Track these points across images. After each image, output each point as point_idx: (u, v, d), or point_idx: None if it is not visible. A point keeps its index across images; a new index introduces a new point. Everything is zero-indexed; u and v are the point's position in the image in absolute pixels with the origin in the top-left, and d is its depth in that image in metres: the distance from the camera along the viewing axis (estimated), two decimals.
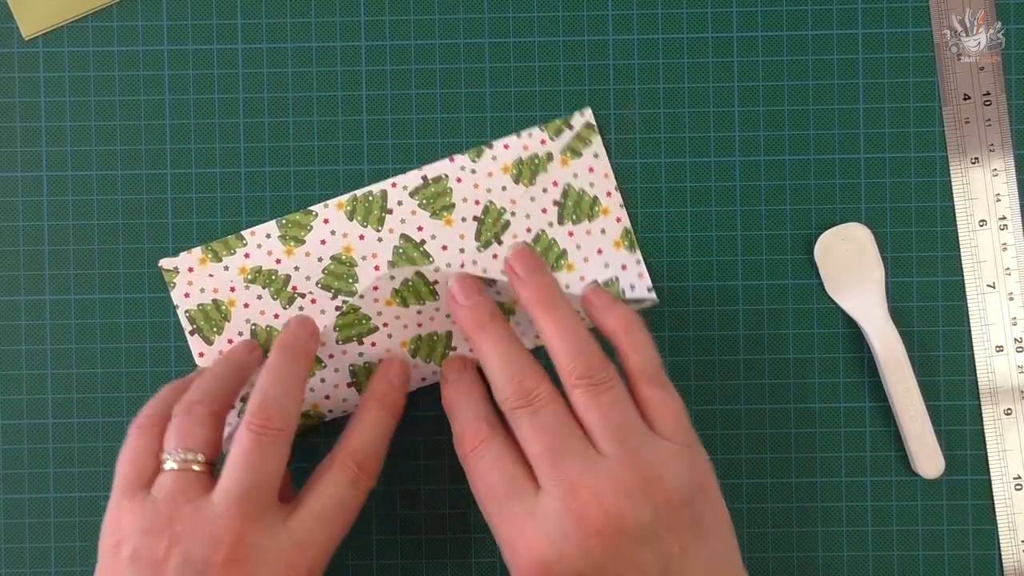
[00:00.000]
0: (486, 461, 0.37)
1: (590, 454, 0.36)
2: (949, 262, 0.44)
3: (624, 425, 0.36)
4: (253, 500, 0.36)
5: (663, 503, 0.35)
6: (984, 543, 0.44)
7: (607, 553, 0.34)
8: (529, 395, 0.37)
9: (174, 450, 0.37)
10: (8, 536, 0.45)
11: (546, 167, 0.44)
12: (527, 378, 0.37)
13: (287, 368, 0.39)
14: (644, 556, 0.34)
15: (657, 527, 0.34)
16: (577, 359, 0.37)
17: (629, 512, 0.34)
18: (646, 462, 0.35)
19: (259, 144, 0.45)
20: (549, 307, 0.38)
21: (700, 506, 0.36)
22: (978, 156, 0.44)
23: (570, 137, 0.44)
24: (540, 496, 0.35)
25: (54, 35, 0.45)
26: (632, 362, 0.38)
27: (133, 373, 0.45)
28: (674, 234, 0.44)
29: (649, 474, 0.35)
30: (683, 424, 0.37)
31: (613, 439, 0.36)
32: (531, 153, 0.44)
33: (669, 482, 0.35)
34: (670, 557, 0.35)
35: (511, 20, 0.45)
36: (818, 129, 0.45)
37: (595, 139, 0.44)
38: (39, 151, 0.45)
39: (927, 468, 0.43)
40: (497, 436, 0.38)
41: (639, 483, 0.35)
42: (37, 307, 0.45)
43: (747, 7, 0.45)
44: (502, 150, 0.44)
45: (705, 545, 0.35)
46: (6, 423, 0.45)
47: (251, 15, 0.45)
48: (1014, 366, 0.44)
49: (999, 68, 0.44)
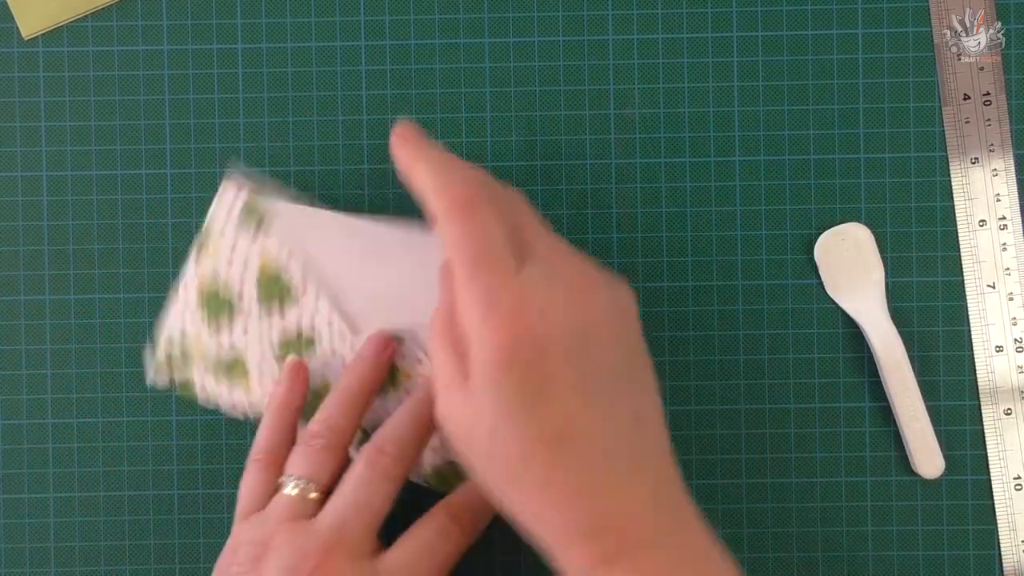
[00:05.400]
0: (477, 219, 0.35)
1: (560, 246, 0.37)
2: (949, 262, 0.44)
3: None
4: (352, 527, 0.37)
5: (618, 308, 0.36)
6: (984, 543, 0.44)
7: (587, 334, 0.34)
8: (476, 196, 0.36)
9: (295, 477, 0.39)
10: (8, 536, 0.45)
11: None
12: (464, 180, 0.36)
13: (416, 415, 0.40)
14: (613, 351, 0.35)
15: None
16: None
17: (601, 301, 0.35)
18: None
19: (259, 144, 0.45)
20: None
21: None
22: (978, 156, 0.44)
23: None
24: (526, 268, 0.35)
25: (54, 35, 0.45)
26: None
27: (133, 373, 0.45)
28: (674, 234, 0.44)
29: (609, 278, 0.37)
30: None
31: (565, 246, 0.37)
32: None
33: (621, 288, 0.37)
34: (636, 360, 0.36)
35: (511, 20, 0.45)
36: (818, 129, 0.45)
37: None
38: (39, 151, 0.45)
39: (927, 468, 0.43)
40: (492, 201, 0.36)
41: (606, 280, 0.36)
42: (37, 307, 0.45)
43: (747, 7, 0.45)
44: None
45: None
46: (6, 423, 0.45)
47: (251, 15, 0.45)
48: (1014, 366, 0.44)
49: (999, 68, 0.44)
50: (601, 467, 0.33)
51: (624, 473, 0.33)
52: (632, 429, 0.34)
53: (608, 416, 0.34)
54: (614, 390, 0.34)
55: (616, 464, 0.33)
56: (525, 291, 0.34)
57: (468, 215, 0.35)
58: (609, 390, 0.34)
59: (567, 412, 0.33)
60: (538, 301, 0.34)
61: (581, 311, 0.34)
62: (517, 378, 0.33)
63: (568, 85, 0.45)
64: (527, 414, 0.33)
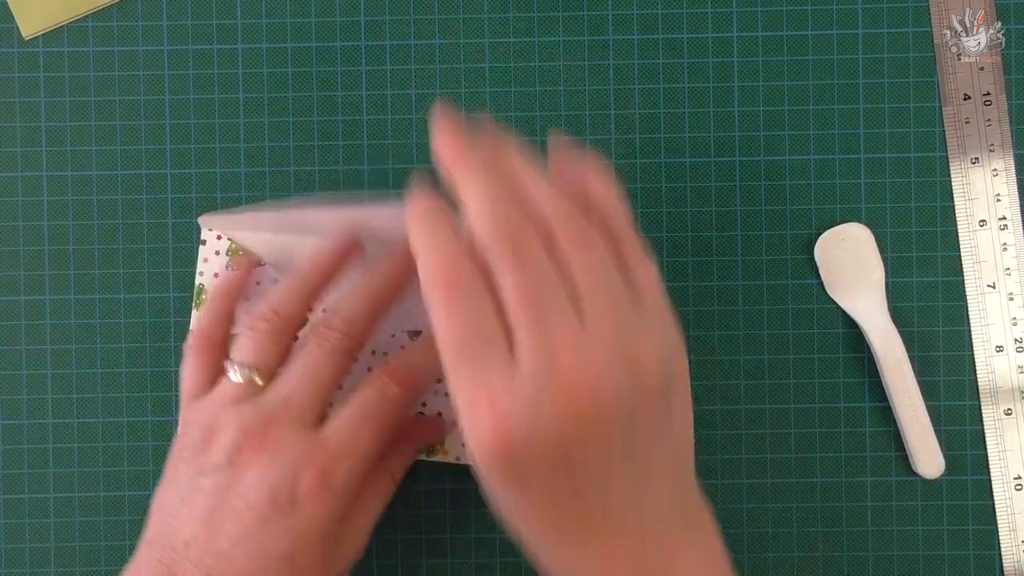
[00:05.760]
0: (461, 302, 0.32)
1: (576, 318, 0.32)
2: (949, 262, 0.44)
3: (613, 293, 0.32)
4: (297, 398, 0.38)
5: (642, 387, 0.32)
6: (984, 543, 0.44)
7: (580, 429, 0.31)
8: (515, 236, 0.32)
9: (239, 364, 0.39)
10: (8, 536, 0.45)
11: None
12: (515, 215, 0.32)
13: (373, 291, 0.40)
14: (614, 438, 0.32)
15: (634, 410, 0.32)
16: (559, 205, 0.33)
17: (611, 389, 0.31)
18: (632, 340, 0.32)
19: (259, 144, 0.45)
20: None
21: (674, 396, 0.33)
22: (978, 156, 0.44)
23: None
24: (516, 355, 0.31)
25: (54, 35, 0.45)
26: (612, 222, 0.35)
27: (133, 373, 0.45)
28: (674, 234, 0.44)
29: (635, 354, 0.32)
30: (661, 291, 0.34)
31: (602, 307, 0.32)
32: None
33: (653, 366, 0.32)
34: (637, 443, 0.32)
35: (511, 20, 0.45)
36: (818, 129, 0.45)
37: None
38: (39, 151, 0.45)
39: (927, 468, 0.43)
40: (478, 278, 0.32)
41: (625, 361, 0.31)
42: (37, 307, 0.45)
43: (747, 7, 0.45)
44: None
45: (670, 435, 0.34)
46: (6, 423, 0.45)
47: (251, 15, 0.45)
48: (1014, 366, 0.44)
49: (999, 68, 0.44)
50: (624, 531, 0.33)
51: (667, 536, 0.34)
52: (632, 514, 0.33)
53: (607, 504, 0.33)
54: (614, 483, 0.33)
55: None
56: (510, 389, 0.31)
57: (450, 296, 0.32)
58: (609, 482, 0.33)
59: (555, 502, 0.32)
60: (522, 399, 0.31)
61: (573, 414, 0.31)
62: (499, 475, 0.32)
63: (568, 85, 0.45)
64: (519, 501, 0.32)
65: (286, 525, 0.36)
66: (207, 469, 0.37)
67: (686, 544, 0.34)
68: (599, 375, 0.31)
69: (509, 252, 0.32)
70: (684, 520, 0.34)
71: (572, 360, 0.31)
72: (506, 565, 0.44)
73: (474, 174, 0.33)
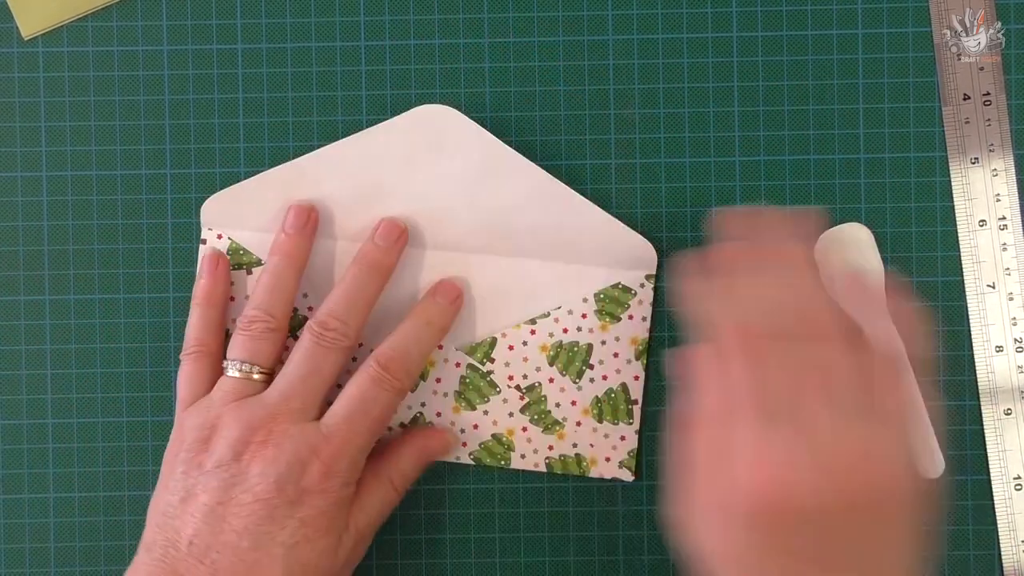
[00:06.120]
0: (756, 359, 0.34)
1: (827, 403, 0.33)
2: (949, 262, 0.44)
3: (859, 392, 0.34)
4: (297, 393, 0.39)
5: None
6: (984, 543, 0.44)
7: (825, 511, 0.32)
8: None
9: (237, 361, 0.40)
10: (8, 536, 0.45)
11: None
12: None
13: (360, 285, 0.41)
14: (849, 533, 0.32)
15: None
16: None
17: (871, 476, 0.32)
18: (864, 436, 0.33)
19: (259, 144, 0.45)
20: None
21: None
22: (978, 156, 0.44)
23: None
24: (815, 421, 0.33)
25: (54, 35, 0.45)
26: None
27: (133, 373, 0.45)
28: (674, 234, 0.44)
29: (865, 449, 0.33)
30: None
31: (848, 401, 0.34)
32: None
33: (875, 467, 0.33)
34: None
35: (511, 20, 0.45)
36: (818, 129, 0.45)
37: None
38: (39, 151, 0.45)
39: (927, 468, 0.43)
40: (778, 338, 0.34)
41: (858, 455, 0.33)
42: (37, 307, 0.45)
43: (747, 7, 0.45)
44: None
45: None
46: (6, 423, 0.45)
47: (251, 15, 0.45)
48: (1014, 366, 0.44)
49: (999, 68, 0.44)
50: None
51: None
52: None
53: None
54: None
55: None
56: (791, 450, 0.32)
57: (747, 352, 0.34)
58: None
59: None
60: (801, 464, 0.32)
61: (850, 490, 0.32)
62: (758, 536, 0.32)
63: (568, 85, 0.45)
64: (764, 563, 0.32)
65: (293, 515, 0.37)
66: (209, 467, 0.38)
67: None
68: (854, 454, 0.32)
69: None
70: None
71: (826, 432, 0.32)
72: (506, 565, 0.44)
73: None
